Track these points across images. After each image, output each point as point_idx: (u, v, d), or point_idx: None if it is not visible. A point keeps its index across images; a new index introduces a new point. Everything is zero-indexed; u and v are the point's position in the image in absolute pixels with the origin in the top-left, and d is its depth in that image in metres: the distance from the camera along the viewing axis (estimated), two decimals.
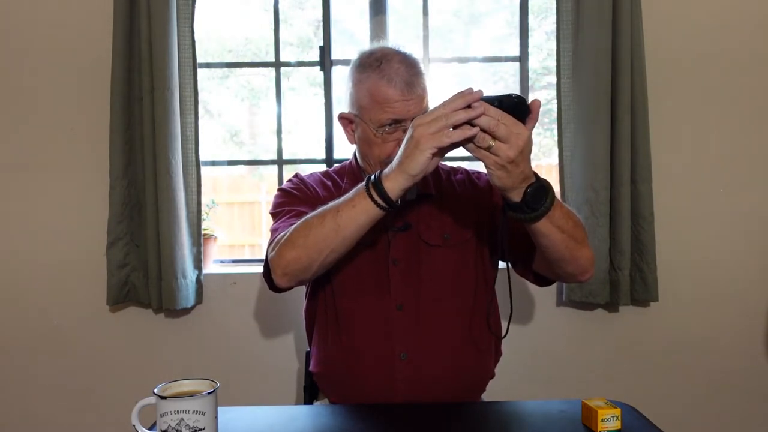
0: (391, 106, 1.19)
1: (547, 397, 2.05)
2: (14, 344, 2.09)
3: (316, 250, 1.07)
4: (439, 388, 1.22)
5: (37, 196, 2.07)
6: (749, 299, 2.08)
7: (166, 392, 0.91)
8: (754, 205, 2.06)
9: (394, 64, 1.20)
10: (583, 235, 1.15)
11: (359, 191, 1.04)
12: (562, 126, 1.99)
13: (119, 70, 1.93)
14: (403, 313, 1.24)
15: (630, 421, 1.03)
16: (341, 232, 1.05)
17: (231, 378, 2.00)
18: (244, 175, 4.30)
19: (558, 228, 1.06)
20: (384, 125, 1.21)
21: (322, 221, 1.06)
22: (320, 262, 1.09)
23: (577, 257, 1.13)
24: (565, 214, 1.08)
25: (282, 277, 1.11)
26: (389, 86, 1.19)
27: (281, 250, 1.10)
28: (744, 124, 2.05)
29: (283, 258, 1.09)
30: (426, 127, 0.96)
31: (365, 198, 1.02)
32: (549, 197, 1.02)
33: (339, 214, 1.04)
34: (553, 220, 1.04)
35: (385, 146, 1.23)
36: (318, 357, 1.32)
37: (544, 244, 1.09)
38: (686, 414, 2.09)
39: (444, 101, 0.97)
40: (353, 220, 1.04)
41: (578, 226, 1.13)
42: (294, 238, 1.09)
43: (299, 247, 1.08)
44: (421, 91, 1.21)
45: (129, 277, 2.01)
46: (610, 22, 1.91)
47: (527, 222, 1.04)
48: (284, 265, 1.10)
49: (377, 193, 1.01)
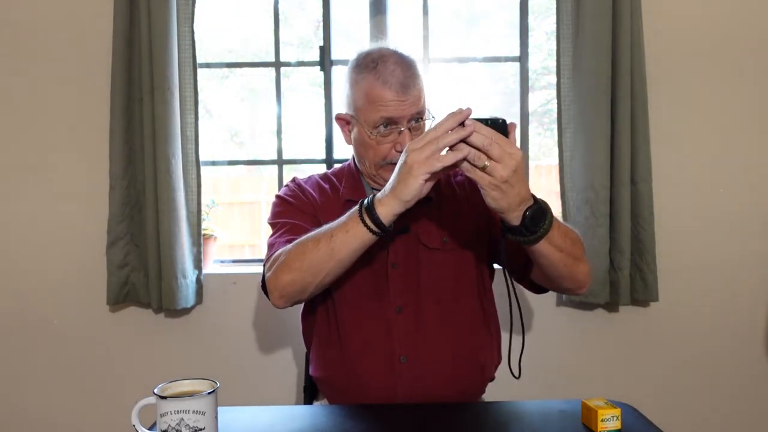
0: (385, 107, 1.19)
1: (547, 397, 2.05)
2: (14, 344, 2.10)
3: (312, 273, 1.09)
4: (439, 391, 1.22)
5: (37, 196, 2.07)
6: (749, 299, 2.08)
7: (166, 392, 0.91)
8: (754, 205, 2.06)
9: (389, 66, 1.19)
10: (581, 251, 1.16)
11: (352, 216, 1.05)
12: (562, 126, 1.99)
13: (119, 70, 1.93)
14: (402, 316, 1.24)
15: (630, 421, 1.03)
16: (335, 256, 1.06)
17: (231, 378, 2.00)
18: (244, 175, 4.30)
19: (557, 248, 1.07)
20: (378, 126, 1.20)
21: (317, 245, 1.07)
22: (316, 284, 1.11)
23: (574, 273, 1.15)
24: (563, 233, 1.09)
25: (279, 299, 1.14)
26: (384, 87, 1.18)
27: (278, 273, 1.11)
28: (744, 124, 2.05)
29: (279, 281, 1.11)
30: (419, 152, 0.97)
31: (358, 223, 1.03)
32: (548, 219, 1.03)
33: (333, 238, 1.05)
34: (552, 240, 1.05)
35: (380, 148, 1.22)
36: (318, 361, 1.31)
37: (542, 263, 1.11)
38: (686, 414, 2.09)
39: (436, 124, 0.97)
40: (347, 245, 1.05)
41: (576, 243, 1.14)
42: (290, 261, 1.10)
43: (295, 271, 1.09)
44: (417, 93, 1.20)
45: (129, 277, 2.01)
46: (610, 22, 1.91)
47: (526, 244, 1.05)
48: (281, 288, 1.12)
49: (370, 219, 1.02)
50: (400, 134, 1.20)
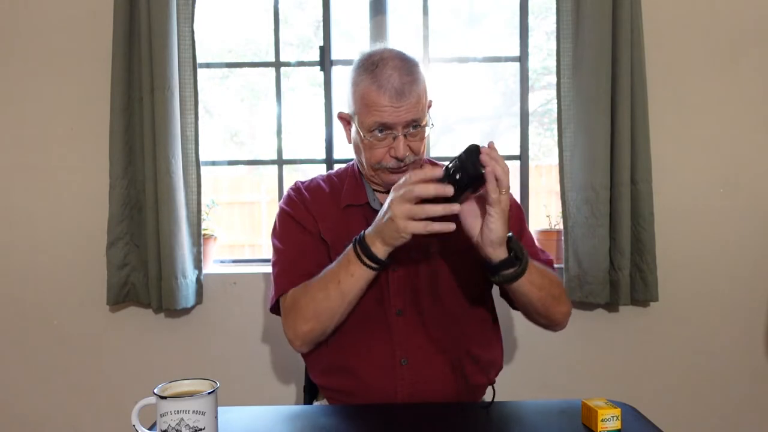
0: (380, 112, 1.17)
1: (547, 397, 2.05)
2: (14, 344, 2.10)
3: (328, 318, 1.16)
4: (439, 394, 1.22)
5: (37, 196, 2.07)
6: (749, 299, 2.08)
7: (166, 392, 0.91)
8: (754, 205, 2.06)
9: (387, 70, 1.17)
10: (560, 291, 1.23)
11: (351, 258, 1.11)
12: (562, 126, 1.99)
13: (119, 70, 1.93)
14: (403, 318, 1.24)
15: (630, 421, 1.03)
16: (346, 299, 1.14)
17: (231, 378, 2.01)
18: (244, 175, 4.29)
19: (536, 286, 1.14)
20: (373, 130, 1.19)
21: (327, 293, 1.14)
22: (333, 326, 1.19)
23: (552, 313, 1.23)
24: (541, 273, 1.17)
25: (301, 347, 1.23)
26: (379, 92, 1.16)
27: (295, 325, 1.19)
28: (744, 124, 2.05)
29: (299, 331, 1.19)
30: (405, 211, 1.02)
31: (360, 266, 1.10)
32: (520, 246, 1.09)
33: (341, 284, 1.13)
34: (531, 277, 1.12)
35: (375, 152, 1.21)
36: (317, 365, 1.31)
37: (523, 302, 1.19)
38: (686, 414, 2.09)
39: (414, 172, 1.04)
40: (355, 286, 1.13)
41: (554, 283, 1.21)
42: (304, 311, 1.17)
43: (312, 320, 1.17)
44: (414, 100, 1.17)
45: (129, 277, 2.01)
46: (610, 22, 1.91)
47: (513, 280, 1.10)
48: (302, 337, 1.20)
49: (368, 258, 1.10)
50: (395, 140, 1.19)
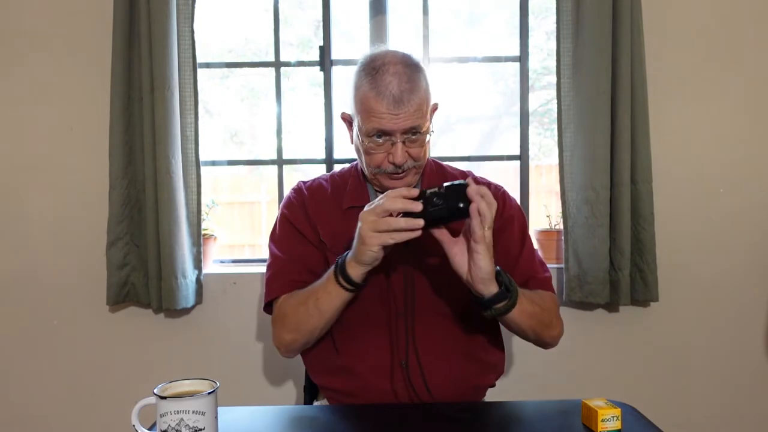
0: (378, 118, 1.15)
1: (547, 397, 2.05)
2: (14, 344, 2.10)
3: (308, 332, 1.21)
4: (439, 396, 1.22)
5: (37, 196, 2.07)
6: (749, 299, 2.08)
7: (166, 392, 0.91)
8: (754, 205, 2.06)
9: (387, 76, 1.15)
10: (551, 317, 1.24)
11: (330, 278, 1.14)
12: (562, 126, 1.98)
13: (119, 70, 1.93)
14: (403, 321, 1.24)
15: (630, 421, 1.03)
16: (324, 316, 1.17)
17: (231, 378, 2.00)
18: (244, 175, 4.29)
19: (527, 315, 1.16)
20: (372, 135, 1.18)
21: (306, 309, 1.18)
22: (315, 338, 1.23)
23: (543, 337, 1.25)
24: (532, 301, 1.18)
25: (286, 353, 1.28)
26: (377, 99, 1.14)
27: (280, 333, 1.25)
28: (744, 125, 2.05)
29: (283, 340, 1.25)
30: (370, 224, 1.04)
31: (336, 286, 1.13)
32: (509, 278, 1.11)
33: (319, 301, 1.16)
34: (522, 307, 1.13)
35: (374, 156, 1.20)
36: (318, 365, 1.31)
37: (513, 329, 1.21)
38: (686, 414, 2.09)
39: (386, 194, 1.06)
40: (331, 304, 1.16)
41: (545, 309, 1.22)
42: (288, 323, 1.22)
43: (294, 332, 1.22)
44: (413, 107, 1.15)
45: (129, 277, 2.01)
46: (610, 22, 1.91)
47: (505, 312, 1.11)
48: (286, 345, 1.25)
49: (343, 279, 1.12)
50: (393, 146, 1.18)
